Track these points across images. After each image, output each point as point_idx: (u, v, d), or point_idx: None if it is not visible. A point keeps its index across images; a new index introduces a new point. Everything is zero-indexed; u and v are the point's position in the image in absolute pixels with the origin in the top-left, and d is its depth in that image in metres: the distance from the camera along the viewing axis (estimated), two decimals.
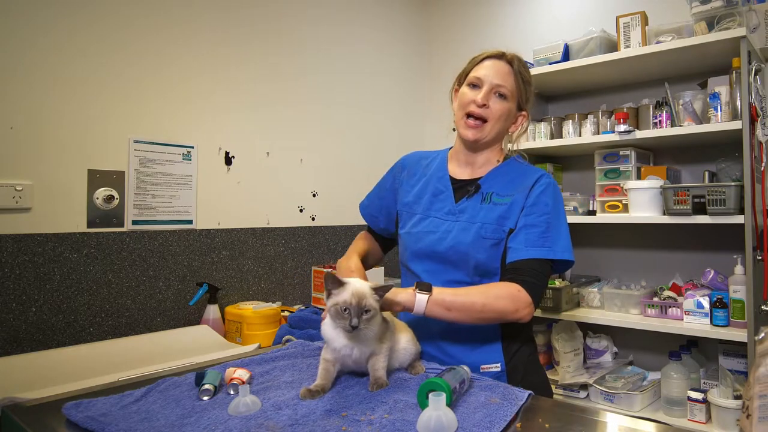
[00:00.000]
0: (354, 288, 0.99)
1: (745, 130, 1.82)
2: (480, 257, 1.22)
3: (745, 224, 1.82)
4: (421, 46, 3.26)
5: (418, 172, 1.41)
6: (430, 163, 1.41)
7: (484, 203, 1.26)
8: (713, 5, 1.93)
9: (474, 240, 1.22)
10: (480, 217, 1.25)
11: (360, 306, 0.97)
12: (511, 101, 1.28)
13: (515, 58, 1.29)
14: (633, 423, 0.94)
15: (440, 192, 1.33)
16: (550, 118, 2.49)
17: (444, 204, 1.31)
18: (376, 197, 1.49)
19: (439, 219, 1.29)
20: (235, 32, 2.27)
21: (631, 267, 2.47)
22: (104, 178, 1.86)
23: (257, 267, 2.32)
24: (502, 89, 1.26)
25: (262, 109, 2.38)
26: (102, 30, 1.86)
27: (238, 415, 0.90)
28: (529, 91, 1.32)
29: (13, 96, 1.67)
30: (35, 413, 0.97)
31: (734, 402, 1.79)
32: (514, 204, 1.24)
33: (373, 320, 1.00)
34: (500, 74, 1.26)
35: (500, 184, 1.29)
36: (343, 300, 0.98)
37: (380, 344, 1.06)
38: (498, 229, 1.23)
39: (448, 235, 1.25)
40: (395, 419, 0.88)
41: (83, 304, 1.79)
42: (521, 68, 1.29)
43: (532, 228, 1.21)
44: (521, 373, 1.25)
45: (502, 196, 1.26)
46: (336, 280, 1.01)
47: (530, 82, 1.32)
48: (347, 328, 0.97)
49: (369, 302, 0.99)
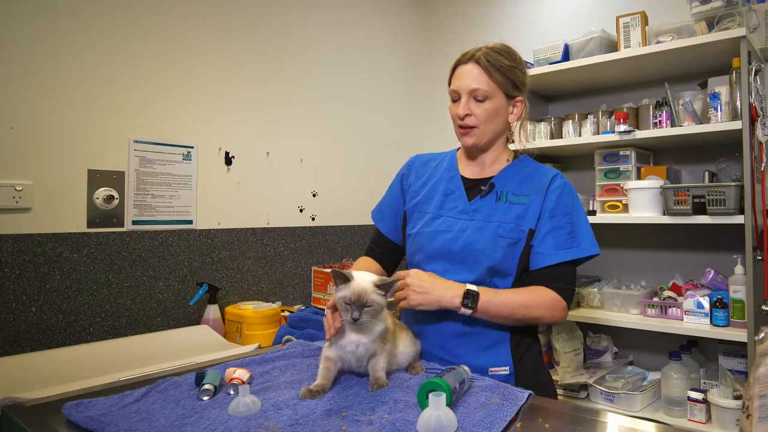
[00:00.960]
0: (356, 284, 1.02)
1: (745, 130, 1.81)
2: (497, 257, 1.22)
3: (745, 224, 1.82)
4: (421, 46, 3.26)
5: (426, 173, 1.41)
6: (439, 165, 1.40)
7: (500, 202, 1.27)
8: (713, 5, 1.93)
9: (491, 239, 1.22)
10: (497, 217, 1.25)
11: (360, 301, 1.00)
12: (494, 98, 1.26)
13: (483, 53, 1.25)
14: (633, 423, 0.94)
15: (452, 192, 1.33)
16: (550, 118, 2.49)
17: (457, 203, 1.30)
18: (387, 204, 1.47)
19: (452, 218, 1.29)
20: (235, 33, 2.27)
21: (631, 267, 2.47)
22: (104, 178, 1.86)
23: (257, 267, 2.32)
24: (478, 93, 1.24)
25: (262, 109, 2.38)
26: (102, 30, 1.86)
27: (238, 415, 0.90)
28: (513, 76, 1.27)
29: (13, 96, 1.67)
30: (35, 413, 0.97)
31: (734, 402, 1.79)
32: (532, 204, 1.25)
33: (378, 315, 1.04)
34: (472, 78, 1.24)
35: (514, 183, 1.29)
36: (343, 295, 1.02)
37: (382, 344, 1.07)
38: (516, 228, 1.23)
39: (463, 234, 1.25)
40: (395, 419, 0.88)
41: (83, 304, 1.79)
42: (492, 60, 1.24)
43: (558, 231, 1.23)
44: (529, 374, 1.25)
45: (518, 195, 1.27)
46: (341, 276, 1.04)
47: (512, 66, 1.27)
48: (349, 320, 1.02)
49: (370, 297, 1.01)
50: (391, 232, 1.44)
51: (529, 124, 2.47)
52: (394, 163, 1.62)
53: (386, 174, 1.58)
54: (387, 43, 3.04)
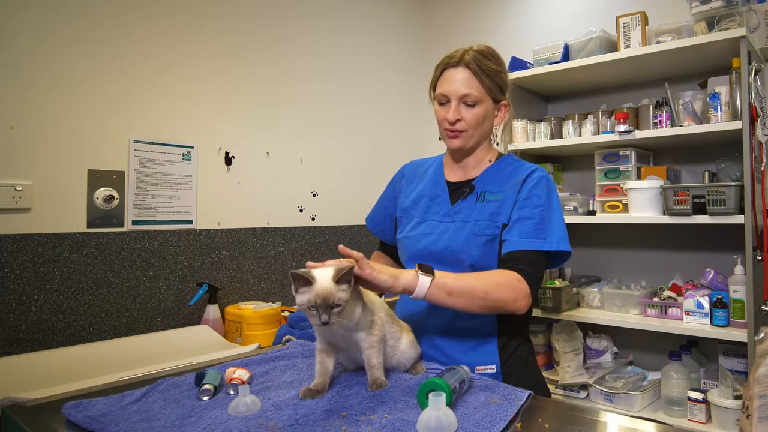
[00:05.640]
0: (319, 286, 0.93)
1: (745, 130, 1.81)
2: (474, 254, 1.22)
3: (745, 224, 1.82)
4: (421, 46, 3.26)
5: (416, 178, 1.43)
6: (427, 170, 1.43)
7: (478, 202, 1.28)
8: (713, 5, 1.93)
9: (467, 238, 1.23)
10: (473, 216, 1.26)
11: (326, 303, 0.92)
12: (483, 102, 1.25)
13: (472, 57, 1.23)
14: (633, 423, 0.94)
15: (437, 195, 1.34)
16: (550, 118, 2.49)
17: (441, 207, 1.32)
18: (379, 208, 1.51)
19: (435, 222, 1.31)
20: (235, 33, 2.27)
21: (631, 267, 2.47)
22: (104, 178, 1.86)
23: (257, 267, 2.32)
24: (468, 98, 1.24)
25: (262, 109, 2.38)
26: (102, 31, 1.86)
27: (238, 415, 0.90)
28: (500, 80, 1.26)
29: (13, 96, 1.67)
30: (35, 413, 0.97)
31: (734, 402, 1.79)
32: (506, 199, 1.25)
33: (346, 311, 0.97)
34: (462, 83, 1.23)
35: (494, 183, 1.30)
36: (307, 299, 0.93)
37: (369, 335, 1.03)
38: (490, 225, 1.23)
39: (444, 236, 1.27)
40: (395, 419, 0.88)
41: (83, 304, 1.79)
42: (481, 65, 1.23)
43: (526, 221, 1.21)
44: (517, 375, 1.24)
45: (494, 193, 1.27)
46: (301, 278, 0.94)
47: (499, 71, 1.26)
48: (319, 324, 0.94)
49: (337, 297, 0.93)
50: (388, 238, 1.49)
51: (529, 123, 2.47)
52: (394, 163, 1.62)
53: (386, 174, 1.57)
54: (387, 43, 3.04)
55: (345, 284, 0.95)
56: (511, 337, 1.27)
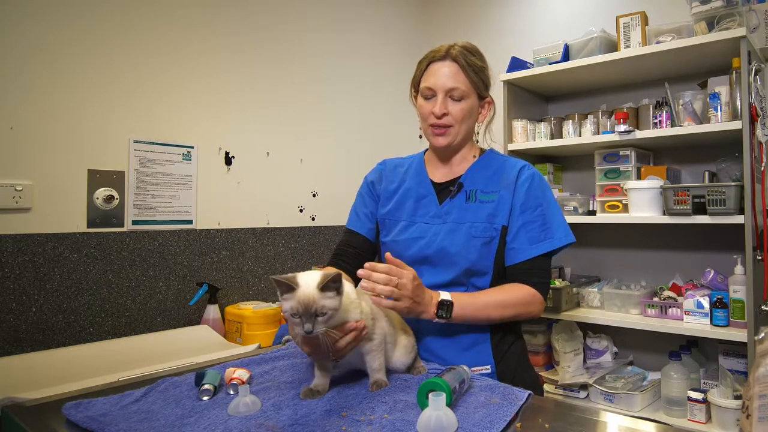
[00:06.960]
0: (301, 293, 0.89)
1: (745, 130, 1.81)
2: (471, 257, 1.22)
3: (745, 224, 1.82)
4: (421, 46, 3.26)
5: (396, 179, 1.39)
6: (407, 170, 1.39)
7: (470, 202, 1.26)
8: (713, 5, 1.93)
9: (465, 241, 1.22)
10: (468, 217, 1.24)
11: (309, 310, 0.88)
12: (469, 98, 1.25)
13: (459, 52, 1.23)
14: (633, 423, 0.94)
15: (423, 196, 1.32)
16: (550, 118, 2.49)
17: (429, 208, 1.30)
18: (361, 205, 1.44)
19: (425, 224, 1.29)
20: (235, 33, 2.27)
21: (631, 267, 2.47)
22: (104, 178, 1.86)
23: (257, 267, 2.32)
24: (455, 92, 1.23)
25: (262, 109, 2.38)
26: (102, 31, 1.86)
27: (238, 415, 0.90)
28: (485, 77, 1.27)
29: (13, 96, 1.67)
30: (35, 413, 0.97)
31: (734, 402, 1.79)
32: (502, 200, 1.25)
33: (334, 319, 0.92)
34: (450, 77, 1.23)
35: (482, 181, 1.28)
36: (290, 306, 0.89)
37: (368, 341, 1.02)
38: (489, 227, 1.23)
39: (436, 238, 1.25)
40: (395, 419, 0.88)
41: (83, 304, 1.79)
42: (468, 60, 1.23)
43: (531, 224, 1.22)
44: (511, 374, 1.24)
45: (487, 192, 1.26)
46: (284, 284, 0.90)
47: (483, 67, 1.27)
48: (302, 334, 0.90)
49: (321, 304, 0.89)
50: (370, 234, 1.40)
51: (529, 123, 2.47)
52: None
53: None
54: (387, 44, 3.04)
55: (332, 291, 0.91)
56: (505, 333, 1.27)
